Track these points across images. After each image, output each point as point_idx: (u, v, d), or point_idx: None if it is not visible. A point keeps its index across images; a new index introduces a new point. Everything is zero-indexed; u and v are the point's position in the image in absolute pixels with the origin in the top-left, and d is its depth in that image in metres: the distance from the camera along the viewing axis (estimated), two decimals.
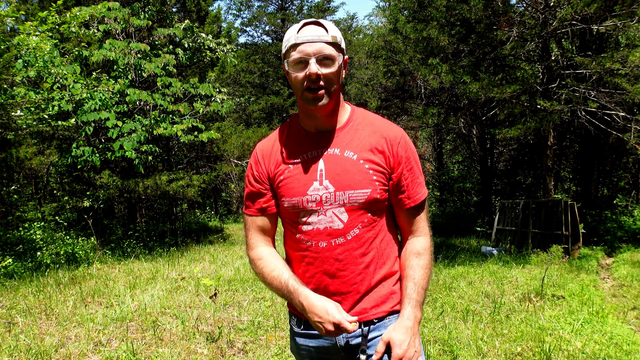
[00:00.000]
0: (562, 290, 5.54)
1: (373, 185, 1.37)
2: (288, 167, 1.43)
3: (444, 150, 20.95)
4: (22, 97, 6.74)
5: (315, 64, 1.30)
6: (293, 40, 1.32)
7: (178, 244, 10.21)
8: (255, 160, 1.49)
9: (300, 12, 24.76)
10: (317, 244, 1.40)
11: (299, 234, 1.43)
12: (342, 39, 1.38)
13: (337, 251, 1.39)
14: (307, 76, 1.31)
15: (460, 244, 11.56)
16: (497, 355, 3.58)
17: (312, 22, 1.35)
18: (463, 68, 9.75)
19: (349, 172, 1.37)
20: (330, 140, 1.42)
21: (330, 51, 1.32)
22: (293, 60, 1.32)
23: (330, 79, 1.33)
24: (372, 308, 1.42)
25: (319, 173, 1.39)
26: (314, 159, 1.41)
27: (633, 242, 11.36)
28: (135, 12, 9.21)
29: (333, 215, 1.38)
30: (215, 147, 12.87)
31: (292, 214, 1.43)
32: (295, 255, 1.47)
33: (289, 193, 1.41)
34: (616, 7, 8.85)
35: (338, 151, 1.40)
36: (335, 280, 1.40)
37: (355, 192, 1.36)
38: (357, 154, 1.39)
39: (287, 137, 1.48)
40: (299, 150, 1.43)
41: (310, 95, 1.33)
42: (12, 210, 9.78)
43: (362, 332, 1.41)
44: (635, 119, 8.90)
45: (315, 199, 1.38)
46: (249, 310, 4.63)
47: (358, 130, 1.43)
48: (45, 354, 3.45)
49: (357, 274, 1.40)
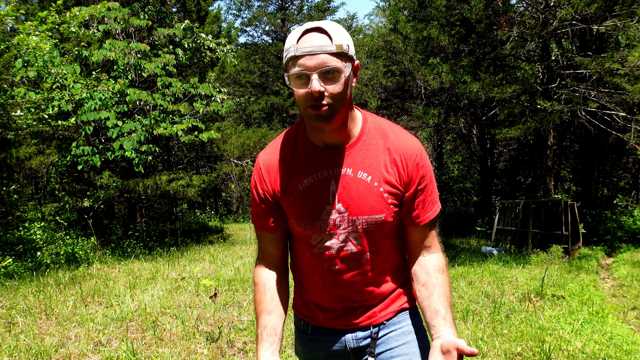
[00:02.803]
0: (562, 290, 5.54)
1: (388, 209, 1.30)
2: (297, 188, 1.32)
3: (444, 150, 20.96)
4: (22, 97, 6.74)
5: (317, 80, 1.14)
6: (292, 52, 1.16)
7: (178, 244, 10.21)
8: (260, 177, 1.37)
9: (300, 12, 24.76)
10: (329, 267, 1.35)
11: (310, 256, 1.38)
12: (350, 45, 1.20)
13: (350, 275, 1.35)
14: (309, 93, 1.16)
15: (460, 244, 11.56)
16: (497, 355, 3.58)
17: (314, 29, 1.17)
18: (463, 68, 9.75)
19: (362, 197, 1.29)
20: (342, 159, 1.30)
21: (335, 63, 1.15)
22: (293, 74, 1.17)
23: (336, 95, 1.17)
24: (382, 311, 1.41)
25: (332, 196, 1.30)
26: (325, 180, 1.30)
27: (633, 242, 11.36)
28: (135, 12, 9.21)
29: (346, 239, 1.32)
30: (215, 147, 12.88)
31: (303, 235, 1.36)
32: (306, 273, 1.44)
33: (300, 216, 1.33)
34: (616, 7, 8.85)
35: (351, 172, 1.29)
36: (346, 302, 1.39)
37: (369, 217, 1.29)
38: (371, 175, 1.29)
39: (294, 151, 1.34)
40: (308, 170, 1.31)
41: (313, 112, 1.19)
42: (12, 210, 9.78)
43: (371, 333, 1.40)
44: (635, 119, 8.90)
45: (329, 223, 1.31)
46: (249, 310, 4.63)
47: (371, 146, 1.31)
48: (45, 354, 3.45)
49: (368, 293, 1.39)
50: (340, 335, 1.42)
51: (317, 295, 1.43)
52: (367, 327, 1.41)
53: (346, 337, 1.41)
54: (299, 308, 1.52)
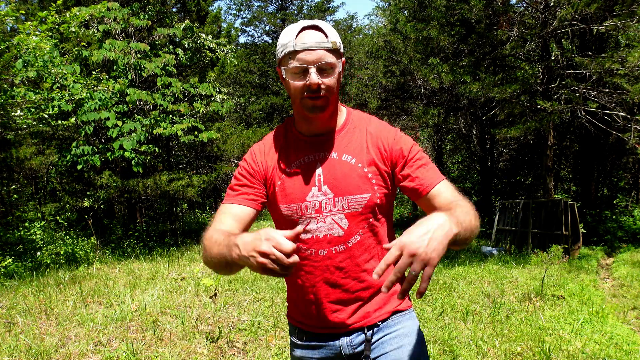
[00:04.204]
0: (562, 290, 5.54)
1: (373, 189, 1.33)
2: (285, 172, 1.37)
3: (444, 150, 20.95)
4: (22, 97, 6.74)
5: (316, 74, 1.24)
6: (291, 47, 1.25)
7: (178, 244, 10.21)
8: (253, 158, 1.42)
9: (300, 12, 24.78)
10: (317, 252, 1.35)
11: (297, 242, 1.36)
12: (341, 43, 1.31)
13: (338, 259, 1.35)
14: (308, 86, 1.25)
15: None
16: (497, 355, 3.58)
17: (311, 27, 1.27)
18: (463, 68, 9.75)
19: (348, 177, 1.33)
20: (328, 144, 1.37)
21: (330, 59, 1.26)
22: (292, 68, 1.26)
23: (331, 87, 1.28)
24: (375, 311, 1.39)
25: (317, 178, 1.34)
26: (311, 164, 1.36)
27: (633, 242, 11.36)
28: (135, 12, 9.22)
29: (333, 222, 1.33)
30: (215, 147, 12.89)
31: (289, 221, 1.37)
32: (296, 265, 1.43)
33: (287, 199, 1.36)
34: (616, 7, 8.85)
35: (336, 155, 1.36)
36: (337, 289, 1.37)
37: (354, 197, 1.32)
38: (356, 157, 1.35)
39: (283, 141, 1.42)
40: (295, 155, 1.38)
41: (310, 103, 1.28)
42: (12, 210, 9.78)
43: (365, 336, 1.38)
44: (635, 119, 8.90)
45: (315, 205, 1.33)
46: (249, 310, 4.63)
47: (355, 132, 1.39)
48: (45, 354, 3.45)
49: (359, 281, 1.37)
50: (335, 340, 1.40)
51: (308, 288, 1.40)
52: (362, 330, 1.39)
53: (341, 342, 1.40)
54: (293, 316, 1.50)
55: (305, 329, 1.45)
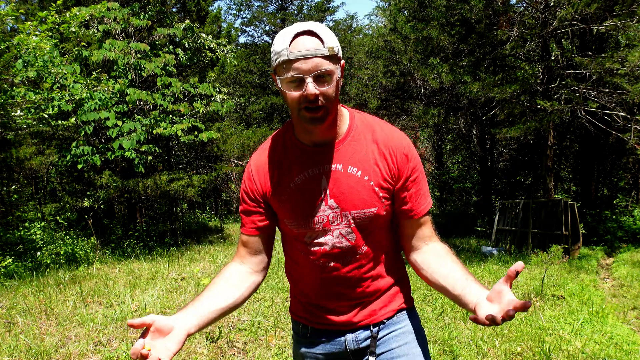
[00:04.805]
0: (562, 290, 5.54)
1: (380, 202, 1.31)
2: (289, 186, 1.33)
3: (444, 150, 20.96)
4: (22, 97, 6.74)
5: (313, 84, 1.16)
6: (285, 56, 1.16)
7: (178, 244, 10.22)
8: (249, 177, 1.38)
9: (300, 12, 24.77)
10: (324, 263, 1.35)
11: (304, 254, 1.38)
12: (339, 47, 1.22)
13: (345, 270, 1.35)
14: (305, 96, 1.17)
15: (460, 244, 11.57)
16: (497, 355, 3.58)
17: (305, 32, 1.18)
18: (463, 68, 9.76)
19: (354, 191, 1.30)
20: (332, 155, 1.32)
21: (327, 66, 1.17)
22: (287, 78, 1.18)
23: (329, 96, 1.20)
24: (381, 309, 1.40)
25: (323, 192, 1.31)
26: (316, 177, 1.31)
27: (633, 242, 11.37)
28: (135, 12, 9.22)
29: (340, 235, 1.33)
30: (215, 147, 12.90)
31: (296, 233, 1.36)
32: (301, 272, 1.43)
33: (294, 214, 1.33)
34: (616, 7, 8.85)
35: (341, 167, 1.31)
36: (342, 298, 1.39)
37: (362, 211, 1.30)
38: (361, 169, 1.31)
39: (283, 151, 1.36)
40: (298, 168, 1.33)
41: (308, 115, 1.20)
42: (12, 210, 9.78)
43: (371, 333, 1.39)
44: (635, 119, 8.91)
45: (322, 220, 1.31)
46: (249, 310, 4.63)
47: (360, 141, 1.33)
48: (45, 354, 3.45)
49: (366, 288, 1.38)
50: (340, 336, 1.41)
51: (313, 295, 1.42)
52: (367, 327, 1.40)
53: (346, 338, 1.41)
54: (296, 312, 1.50)
55: (309, 324, 1.45)
